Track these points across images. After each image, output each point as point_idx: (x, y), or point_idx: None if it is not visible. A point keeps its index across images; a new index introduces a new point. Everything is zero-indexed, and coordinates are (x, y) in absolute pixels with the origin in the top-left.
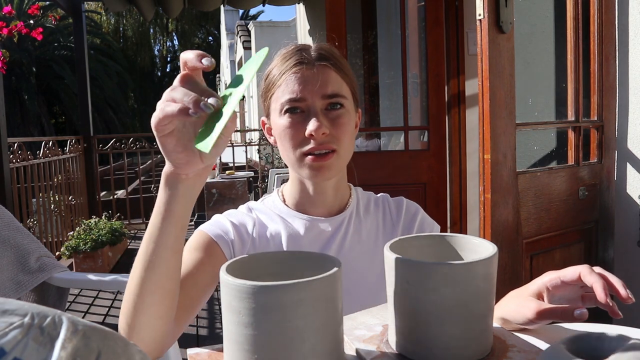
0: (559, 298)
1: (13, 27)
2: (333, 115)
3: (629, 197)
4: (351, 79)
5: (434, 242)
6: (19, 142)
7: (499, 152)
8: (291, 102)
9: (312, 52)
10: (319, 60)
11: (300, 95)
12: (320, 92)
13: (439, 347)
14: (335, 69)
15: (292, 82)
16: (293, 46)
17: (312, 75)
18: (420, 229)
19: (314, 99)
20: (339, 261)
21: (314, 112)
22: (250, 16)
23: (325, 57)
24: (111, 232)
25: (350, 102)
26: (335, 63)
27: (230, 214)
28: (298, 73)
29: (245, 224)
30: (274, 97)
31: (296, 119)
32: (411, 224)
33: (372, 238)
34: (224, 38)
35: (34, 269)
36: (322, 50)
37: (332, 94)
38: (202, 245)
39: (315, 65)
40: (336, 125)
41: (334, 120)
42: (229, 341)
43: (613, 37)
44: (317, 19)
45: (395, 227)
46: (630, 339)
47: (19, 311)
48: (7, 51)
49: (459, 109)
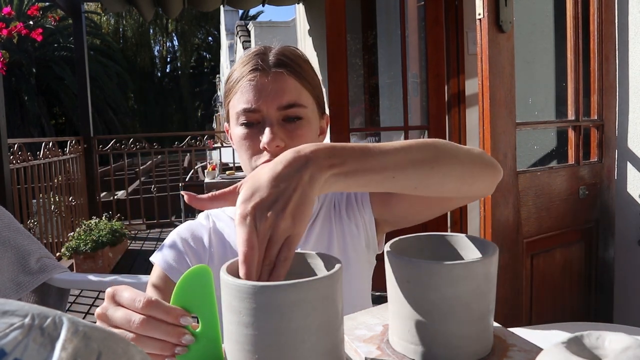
0: None
1: (13, 28)
2: (291, 127)
3: (630, 196)
4: (313, 84)
5: (434, 242)
6: (19, 143)
7: (499, 151)
8: (245, 113)
9: (270, 57)
10: (276, 66)
11: (255, 105)
12: (275, 103)
13: (440, 347)
14: (294, 76)
15: (247, 90)
16: (255, 49)
17: (267, 83)
18: (350, 197)
19: (269, 109)
20: (340, 261)
21: (269, 123)
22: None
23: (284, 63)
24: (111, 233)
25: (312, 109)
26: (295, 69)
27: (188, 227)
28: (253, 80)
29: (202, 237)
30: (232, 104)
31: (251, 130)
32: (342, 195)
33: (325, 235)
34: (224, 38)
35: (34, 269)
36: (281, 56)
37: (288, 104)
38: (158, 280)
39: (271, 72)
40: (293, 137)
41: (291, 132)
42: (229, 341)
43: (613, 36)
44: (317, 19)
45: (341, 212)
46: (630, 338)
47: (20, 312)
48: (7, 52)
49: (459, 108)
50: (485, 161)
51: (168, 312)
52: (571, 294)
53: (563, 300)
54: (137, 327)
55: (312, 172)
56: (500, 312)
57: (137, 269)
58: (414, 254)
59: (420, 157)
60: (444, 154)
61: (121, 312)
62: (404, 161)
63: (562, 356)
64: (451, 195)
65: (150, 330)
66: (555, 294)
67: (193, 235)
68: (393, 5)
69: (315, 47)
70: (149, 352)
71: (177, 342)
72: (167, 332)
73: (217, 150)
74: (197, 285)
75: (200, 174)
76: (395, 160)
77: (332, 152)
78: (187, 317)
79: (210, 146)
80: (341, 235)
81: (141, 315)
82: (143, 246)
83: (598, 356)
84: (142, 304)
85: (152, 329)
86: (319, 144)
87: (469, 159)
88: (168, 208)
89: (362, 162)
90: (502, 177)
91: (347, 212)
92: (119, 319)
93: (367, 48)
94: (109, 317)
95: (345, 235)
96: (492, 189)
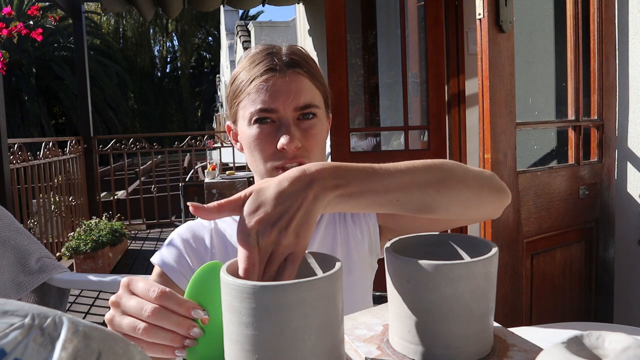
0: None
1: (13, 28)
2: (305, 125)
3: (630, 196)
4: (323, 84)
5: (434, 242)
6: (19, 143)
7: (499, 151)
8: (262, 113)
9: (283, 56)
10: (291, 67)
11: (273, 106)
12: (293, 104)
13: (440, 347)
14: (308, 77)
15: (263, 91)
16: (262, 48)
17: (284, 84)
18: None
19: (286, 110)
20: (340, 260)
21: (286, 124)
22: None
23: (298, 63)
24: (111, 233)
25: (323, 110)
26: (309, 70)
27: (189, 228)
28: (269, 81)
29: (203, 237)
30: (242, 104)
31: (266, 129)
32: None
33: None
34: (224, 38)
35: (34, 269)
36: (294, 56)
37: (305, 104)
38: (158, 280)
39: (288, 73)
40: (308, 137)
41: (306, 131)
42: (229, 341)
43: (613, 35)
44: (317, 19)
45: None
46: (630, 338)
47: (20, 312)
48: (7, 52)
49: (459, 108)
50: (494, 186)
51: (180, 304)
52: (571, 294)
53: (563, 300)
54: (148, 316)
55: (316, 192)
56: (500, 312)
57: (137, 269)
58: (414, 254)
59: (426, 180)
60: (450, 177)
61: (134, 301)
62: (409, 184)
63: (562, 356)
64: (456, 218)
65: (161, 320)
66: (555, 294)
67: (194, 235)
68: (393, 5)
69: (315, 47)
70: (159, 342)
71: (186, 334)
72: (178, 323)
73: (217, 150)
74: (210, 281)
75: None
76: (400, 182)
77: (337, 173)
78: (198, 310)
79: (210, 146)
80: (345, 240)
81: (154, 305)
82: (143, 246)
83: (598, 356)
84: (156, 294)
85: (163, 319)
86: (324, 164)
87: (476, 182)
88: (168, 208)
89: (367, 183)
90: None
91: (352, 217)
92: (132, 307)
93: (367, 48)
94: (122, 305)
95: (350, 239)
96: (499, 213)
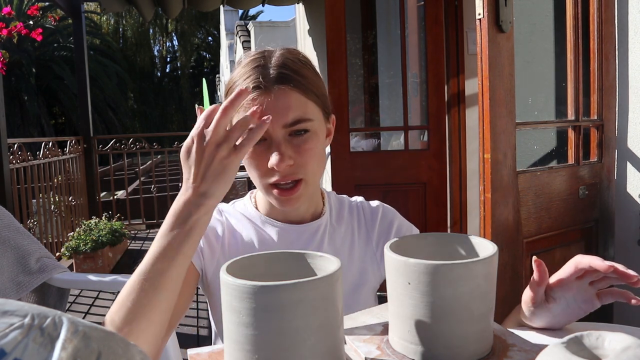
0: (567, 301)
1: (12, 28)
2: (298, 141)
3: (629, 196)
4: (318, 93)
5: (434, 242)
6: (19, 142)
7: (499, 151)
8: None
9: (271, 70)
10: (278, 82)
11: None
12: (281, 122)
13: (440, 347)
14: (298, 90)
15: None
16: (253, 57)
17: (271, 102)
18: (399, 235)
19: (274, 129)
20: (339, 261)
21: (275, 142)
22: (250, 16)
23: (286, 77)
24: (111, 233)
25: (318, 119)
26: (299, 82)
27: None
28: (256, 100)
29: (215, 228)
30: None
31: (258, 149)
32: (389, 230)
33: (347, 246)
34: (224, 38)
35: (34, 269)
36: (282, 68)
37: (294, 121)
38: None
39: (273, 90)
40: (301, 152)
41: (299, 146)
42: (229, 341)
43: (613, 36)
44: (317, 19)
45: (370, 234)
46: (630, 338)
47: (19, 312)
48: (7, 52)
49: (459, 108)
50: None
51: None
52: None
53: None
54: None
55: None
56: (500, 312)
57: None
58: (414, 254)
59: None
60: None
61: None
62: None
63: (562, 356)
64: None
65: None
66: None
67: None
68: (393, 5)
69: (315, 47)
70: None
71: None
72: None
73: None
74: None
75: None
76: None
77: None
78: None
79: None
80: (364, 246)
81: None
82: (143, 246)
83: (598, 356)
84: (219, 113)
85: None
86: None
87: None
88: (168, 208)
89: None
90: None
91: (378, 235)
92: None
93: (367, 48)
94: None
95: (367, 248)
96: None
